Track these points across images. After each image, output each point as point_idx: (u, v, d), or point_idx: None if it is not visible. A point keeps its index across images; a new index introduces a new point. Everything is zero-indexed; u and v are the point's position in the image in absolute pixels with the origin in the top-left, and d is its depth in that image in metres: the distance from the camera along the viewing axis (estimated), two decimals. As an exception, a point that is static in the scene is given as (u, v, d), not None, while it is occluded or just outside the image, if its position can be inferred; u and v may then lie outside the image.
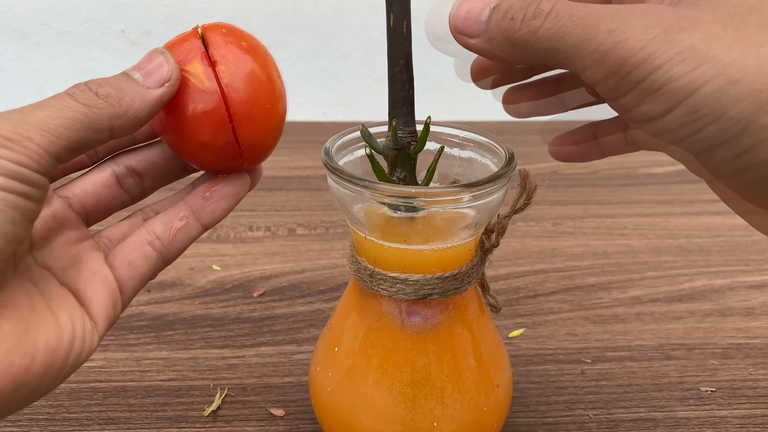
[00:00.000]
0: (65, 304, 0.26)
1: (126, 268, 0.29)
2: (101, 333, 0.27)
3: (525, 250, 0.59)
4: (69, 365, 0.25)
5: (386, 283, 0.33)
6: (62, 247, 0.28)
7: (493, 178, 0.31)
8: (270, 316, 0.50)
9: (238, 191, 0.31)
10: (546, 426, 0.41)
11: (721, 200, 0.30)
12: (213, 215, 0.30)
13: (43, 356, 0.24)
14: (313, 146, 0.79)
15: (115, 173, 0.31)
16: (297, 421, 0.41)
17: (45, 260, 0.27)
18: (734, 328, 0.50)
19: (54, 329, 0.25)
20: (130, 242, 0.29)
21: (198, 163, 0.30)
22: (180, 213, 0.30)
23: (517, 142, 0.82)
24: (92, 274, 0.27)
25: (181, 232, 0.30)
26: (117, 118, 0.25)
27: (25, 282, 0.25)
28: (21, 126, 0.23)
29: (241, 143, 0.28)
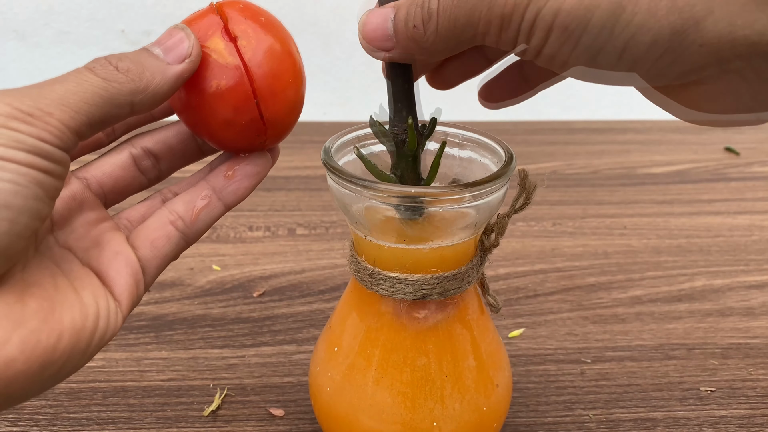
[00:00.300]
0: (88, 284, 0.26)
1: (148, 248, 0.28)
2: (125, 312, 0.27)
3: (525, 250, 0.59)
4: (94, 344, 0.25)
5: (386, 283, 0.33)
6: (83, 227, 0.28)
7: (492, 177, 0.31)
8: (270, 316, 0.50)
9: (261, 170, 0.30)
10: (546, 426, 0.41)
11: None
12: (235, 194, 0.30)
13: (69, 335, 0.24)
14: (313, 146, 0.79)
15: (132, 155, 0.30)
16: (297, 421, 0.41)
17: (66, 240, 0.27)
18: (734, 328, 0.50)
19: (79, 308, 0.24)
20: (152, 222, 0.29)
21: (220, 143, 0.30)
22: (202, 192, 0.30)
23: (517, 142, 0.83)
24: (114, 254, 0.27)
25: (203, 211, 0.30)
26: (137, 93, 0.25)
27: (47, 262, 0.25)
28: (41, 101, 0.23)
29: (265, 119, 0.28)
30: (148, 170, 0.31)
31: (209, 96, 0.27)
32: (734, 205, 0.68)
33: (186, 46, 0.27)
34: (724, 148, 0.82)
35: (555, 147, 0.82)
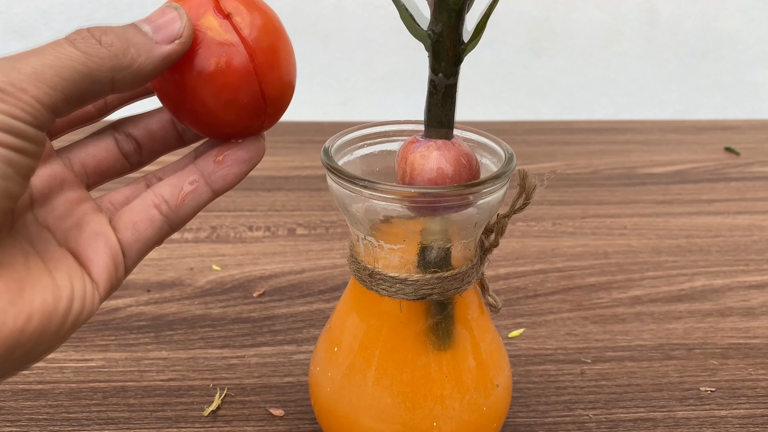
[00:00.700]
0: (64, 265, 0.25)
1: (130, 230, 0.27)
2: (102, 294, 0.26)
3: (525, 250, 0.59)
4: (68, 326, 0.24)
5: (386, 283, 0.33)
6: (63, 206, 0.27)
7: (492, 177, 0.31)
8: (270, 316, 0.50)
9: (253, 156, 0.29)
10: (546, 426, 0.41)
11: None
12: (224, 180, 0.29)
13: (40, 317, 0.23)
14: (313, 146, 0.79)
15: (115, 138, 0.30)
16: (297, 421, 0.41)
17: (45, 218, 0.26)
18: (734, 328, 0.50)
19: (51, 289, 0.24)
20: (136, 204, 0.28)
21: (213, 127, 0.28)
22: (190, 177, 0.29)
23: (517, 142, 0.83)
24: (94, 235, 0.26)
25: (189, 196, 0.29)
26: (119, 71, 0.24)
27: (21, 242, 0.25)
28: (13, 75, 0.21)
29: (265, 97, 0.27)
30: (131, 155, 0.30)
31: (208, 76, 0.26)
32: (734, 205, 0.68)
33: (178, 26, 0.26)
34: (724, 148, 0.82)
35: (555, 147, 0.82)
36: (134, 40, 0.25)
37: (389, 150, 0.35)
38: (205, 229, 0.61)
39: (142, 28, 0.25)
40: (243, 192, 0.68)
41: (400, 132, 0.35)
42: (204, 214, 0.64)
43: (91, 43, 0.23)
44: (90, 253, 0.26)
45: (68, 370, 0.44)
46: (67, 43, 0.23)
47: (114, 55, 0.24)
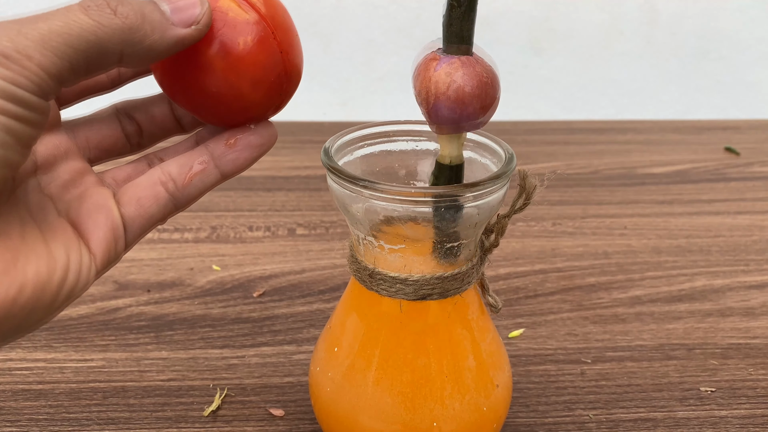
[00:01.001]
0: (61, 235, 0.25)
1: (134, 205, 0.27)
2: (99, 268, 0.25)
3: (525, 250, 0.59)
4: (62, 298, 0.24)
5: (386, 283, 0.33)
6: (67, 175, 0.27)
7: (493, 177, 0.31)
8: (270, 316, 0.50)
9: (264, 142, 0.29)
10: (546, 426, 0.41)
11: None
12: (234, 164, 0.29)
13: (33, 287, 0.23)
14: (313, 146, 0.79)
15: (119, 118, 0.30)
16: (297, 421, 0.41)
17: (48, 186, 0.26)
18: (734, 328, 0.50)
19: (46, 260, 0.23)
20: (142, 180, 0.28)
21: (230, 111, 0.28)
22: (200, 157, 0.28)
23: (517, 142, 0.83)
24: (95, 207, 0.26)
25: (198, 176, 0.28)
26: (129, 45, 0.23)
27: (19, 209, 0.24)
28: (19, 40, 0.21)
29: (288, 74, 0.27)
30: (132, 136, 0.30)
31: (237, 56, 0.26)
32: (734, 205, 0.68)
33: (197, 11, 0.25)
34: (724, 148, 0.82)
35: (555, 147, 0.82)
36: (150, 17, 0.24)
37: (389, 150, 0.35)
38: (205, 229, 0.61)
39: (160, 6, 0.25)
40: (243, 192, 0.68)
41: (400, 132, 0.35)
42: (204, 214, 0.64)
43: (105, 13, 0.23)
44: (90, 224, 0.26)
45: (68, 370, 0.44)
46: (79, 9, 0.22)
47: (127, 28, 0.23)
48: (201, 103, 0.28)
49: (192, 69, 0.27)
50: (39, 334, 0.47)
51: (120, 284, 0.53)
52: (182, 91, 0.28)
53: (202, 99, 0.27)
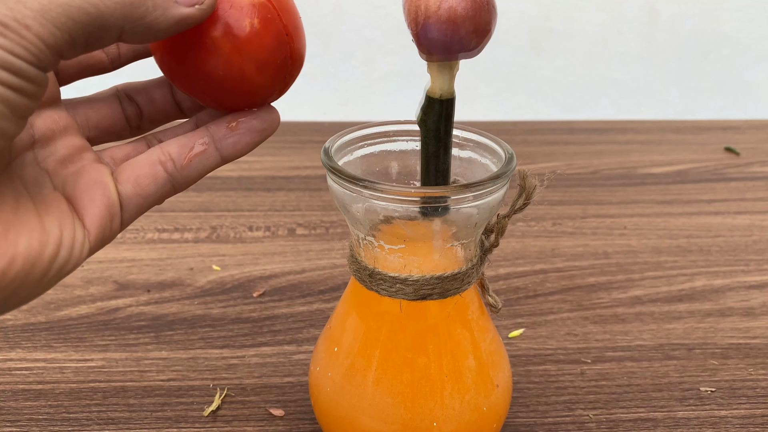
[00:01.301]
0: (55, 210, 0.24)
1: (132, 183, 0.27)
2: (93, 245, 0.25)
3: (525, 250, 0.59)
4: (52, 274, 0.24)
5: (386, 283, 0.33)
6: (65, 150, 0.27)
7: (492, 177, 0.31)
8: (270, 316, 0.50)
9: (266, 127, 0.29)
10: (546, 426, 0.41)
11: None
12: (235, 147, 0.28)
13: (23, 261, 0.22)
14: (313, 146, 0.79)
15: (120, 100, 0.30)
16: (297, 421, 0.41)
17: (45, 161, 0.26)
18: (734, 328, 0.50)
19: (38, 234, 0.23)
20: (141, 159, 0.28)
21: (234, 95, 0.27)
22: (201, 139, 0.28)
23: (517, 142, 0.83)
24: (92, 183, 0.26)
25: (198, 158, 0.28)
26: (130, 21, 0.23)
27: (14, 182, 0.24)
28: (18, 9, 0.21)
29: (293, 57, 0.27)
30: (132, 119, 0.30)
31: (244, 38, 0.26)
32: (734, 205, 0.68)
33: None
34: (724, 148, 0.82)
35: (555, 147, 0.82)
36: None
37: (389, 150, 0.35)
38: (205, 229, 0.61)
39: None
40: (243, 192, 0.68)
41: (400, 132, 0.35)
42: (204, 214, 0.64)
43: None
44: (86, 200, 0.25)
45: (68, 370, 0.44)
46: None
47: (129, 3, 0.23)
48: (204, 86, 0.27)
49: (196, 51, 0.26)
50: (39, 334, 0.47)
51: (120, 284, 0.53)
52: (184, 74, 0.27)
53: (206, 82, 0.27)
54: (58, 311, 0.50)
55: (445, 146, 0.31)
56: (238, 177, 0.71)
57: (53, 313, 0.50)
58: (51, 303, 0.51)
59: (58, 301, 0.51)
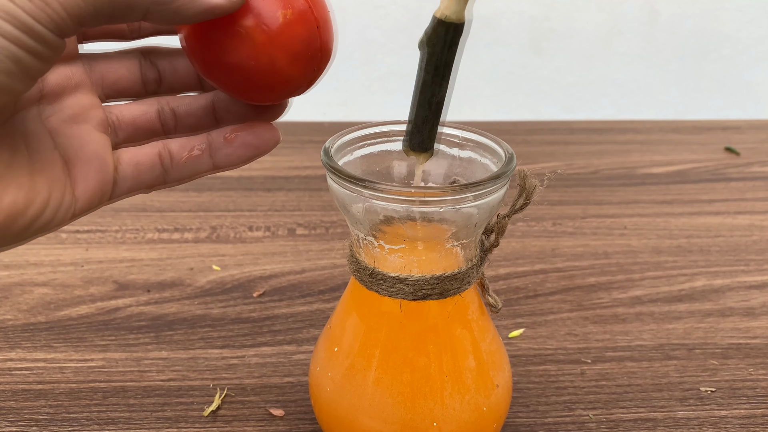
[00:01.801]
0: (50, 171, 0.25)
1: (131, 168, 0.28)
2: (77, 213, 0.26)
3: (525, 250, 0.59)
4: (32, 231, 0.24)
5: (386, 283, 0.33)
6: (72, 110, 0.27)
7: (493, 177, 0.31)
8: (270, 316, 0.50)
9: (261, 144, 0.29)
10: (546, 426, 0.41)
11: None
12: (228, 159, 0.29)
13: (5, 216, 0.23)
14: (313, 146, 0.79)
15: (141, 62, 0.29)
16: (297, 421, 0.41)
17: (50, 118, 0.26)
18: (734, 328, 0.50)
19: (26, 192, 0.23)
20: (145, 147, 0.28)
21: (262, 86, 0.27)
22: (200, 144, 0.29)
23: (517, 142, 0.83)
24: (93, 156, 0.26)
25: (191, 161, 0.29)
26: (157, 3, 0.23)
27: (13, 136, 0.24)
28: None
29: (323, 49, 0.27)
30: (150, 83, 0.30)
31: (277, 29, 0.26)
32: (734, 205, 0.68)
33: None
34: (724, 148, 0.82)
35: (555, 147, 0.82)
36: None
37: (389, 150, 0.35)
38: (205, 229, 0.61)
39: None
40: (243, 192, 0.68)
41: (400, 132, 0.35)
42: (204, 214, 0.64)
43: None
44: (82, 171, 0.26)
45: (68, 370, 0.44)
46: None
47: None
48: (232, 76, 0.27)
49: (226, 40, 0.26)
50: (39, 334, 0.47)
51: (120, 284, 0.53)
52: (211, 63, 0.27)
53: (234, 72, 0.27)
54: (58, 311, 0.50)
55: (442, 77, 0.30)
56: (238, 177, 0.71)
57: (53, 313, 0.50)
58: (51, 303, 0.51)
59: (58, 301, 0.51)
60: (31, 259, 0.56)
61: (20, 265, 0.55)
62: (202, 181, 0.70)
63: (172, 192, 0.67)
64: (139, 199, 0.65)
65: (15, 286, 0.52)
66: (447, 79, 0.30)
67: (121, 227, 0.61)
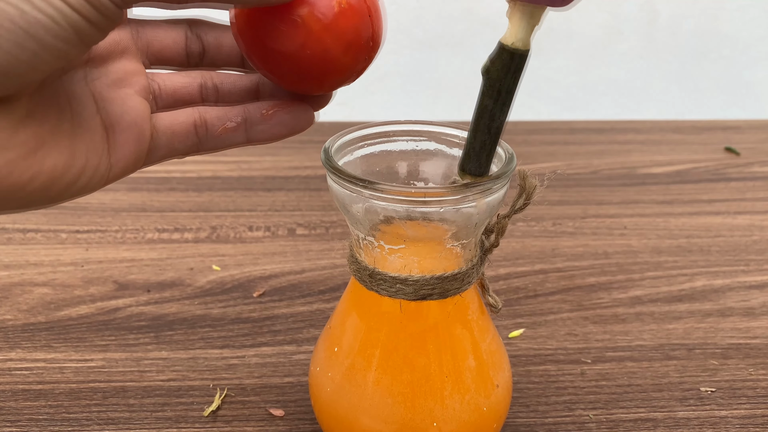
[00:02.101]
0: (91, 136, 0.25)
1: (167, 136, 0.28)
2: (111, 179, 0.26)
3: (525, 250, 0.59)
4: (67, 195, 0.25)
5: (386, 283, 0.33)
6: (116, 75, 0.27)
7: (492, 177, 0.31)
8: (270, 316, 0.50)
9: (296, 124, 0.30)
10: (546, 426, 0.41)
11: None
12: (262, 134, 0.29)
13: (45, 179, 0.23)
14: (313, 146, 0.79)
15: (187, 34, 0.30)
16: (297, 421, 0.41)
17: (95, 81, 0.26)
18: (734, 328, 0.50)
19: (66, 157, 0.24)
20: (181, 116, 0.29)
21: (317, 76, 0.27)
22: (237, 117, 0.29)
23: (517, 142, 0.83)
24: (132, 124, 0.26)
25: (227, 133, 0.29)
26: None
27: (60, 97, 0.25)
28: None
29: (374, 38, 0.27)
30: (193, 55, 0.30)
31: (333, 18, 0.26)
32: (734, 205, 0.68)
33: None
34: (724, 148, 0.82)
35: (555, 147, 0.82)
36: None
37: (389, 150, 0.35)
38: (205, 229, 0.61)
39: None
40: (243, 192, 0.68)
41: (400, 132, 0.35)
42: (204, 214, 0.64)
43: None
44: (121, 139, 0.26)
45: (68, 370, 0.44)
46: None
47: None
48: (284, 66, 0.27)
49: (281, 29, 0.26)
50: (39, 334, 0.47)
51: (120, 284, 0.53)
52: (264, 51, 0.27)
53: (288, 62, 0.27)
54: (58, 311, 0.50)
55: (503, 104, 0.30)
56: (238, 177, 0.71)
57: (53, 313, 0.50)
58: (51, 303, 0.51)
59: (58, 301, 0.51)
60: (31, 259, 0.56)
61: (20, 265, 0.55)
62: (202, 181, 0.70)
63: (172, 192, 0.67)
64: (139, 199, 0.65)
65: (15, 286, 0.52)
66: (508, 106, 0.30)
67: (121, 227, 0.61)
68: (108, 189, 0.66)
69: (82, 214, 0.62)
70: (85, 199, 0.64)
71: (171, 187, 0.68)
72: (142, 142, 0.27)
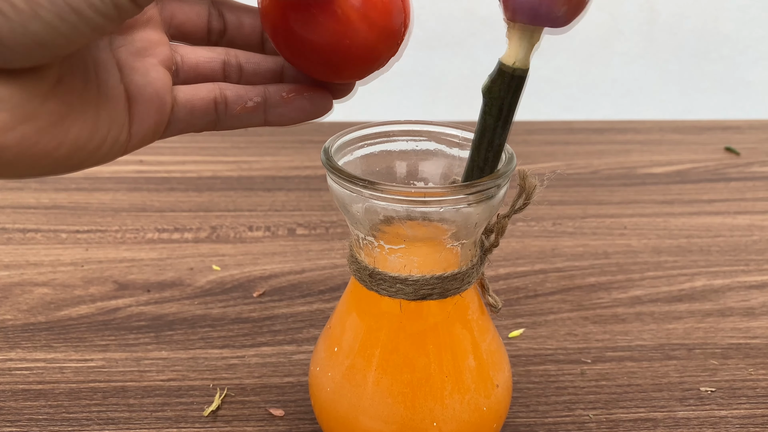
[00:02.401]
0: (113, 106, 0.25)
1: (186, 110, 0.28)
2: (129, 150, 0.26)
3: (525, 250, 0.59)
4: (88, 163, 0.25)
5: (386, 283, 0.33)
6: (141, 43, 0.27)
7: (492, 177, 0.31)
8: (270, 316, 0.50)
9: (313, 111, 0.30)
10: (546, 426, 0.41)
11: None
12: (280, 117, 0.30)
13: (68, 149, 0.24)
14: (313, 146, 0.79)
15: (210, 11, 0.30)
16: (297, 421, 0.41)
17: (119, 48, 0.26)
18: (734, 328, 0.50)
19: (90, 127, 0.24)
20: (201, 91, 0.29)
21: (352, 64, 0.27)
22: (257, 97, 0.29)
23: (517, 142, 0.83)
24: (154, 95, 0.27)
25: (244, 112, 0.29)
26: None
27: (86, 64, 0.25)
28: None
29: (406, 23, 0.27)
30: (214, 32, 0.30)
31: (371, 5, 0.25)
32: (734, 205, 0.68)
33: None
34: (724, 148, 0.82)
35: (555, 147, 0.82)
36: None
37: (389, 150, 0.35)
38: (205, 229, 0.61)
39: None
40: (243, 192, 0.68)
41: (400, 132, 0.35)
42: (204, 214, 0.64)
43: None
44: (142, 110, 0.26)
45: (68, 370, 0.44)
46: None
47: None
48: (316, 54, 0.27)
49: (320, 19, 0.26)
50: (39, 334, 0.47)
51: (120, 284, 0.53)
52: (295, 41, 0.27)
53: (321, 50, 0.26)
54: (58, 311, 0.50)
55: (504, 122, 0.30)
56: (238, 177, 0.71)
57: (53, 313, 0.50)
58: (51, 303, 0.51)
59: (58, 301, 0.51)
60: (31, 259, 0.56)
61: (20, 265, 0.55)
62: (202, 181, 0.70)
63: (172, 192, 0.67)
64: (139, 199, 0.65)
65: (15, 286, 0.52)
66: (509, 123, 0.30)
67: (121, 227, 0.61)
68: (108, 189, 0.66)
69: (82, 214, 0.62)
70: (85, 199, 0.65)
71: (171, 187, 0.68)
72: (162, 113, 0.27)
